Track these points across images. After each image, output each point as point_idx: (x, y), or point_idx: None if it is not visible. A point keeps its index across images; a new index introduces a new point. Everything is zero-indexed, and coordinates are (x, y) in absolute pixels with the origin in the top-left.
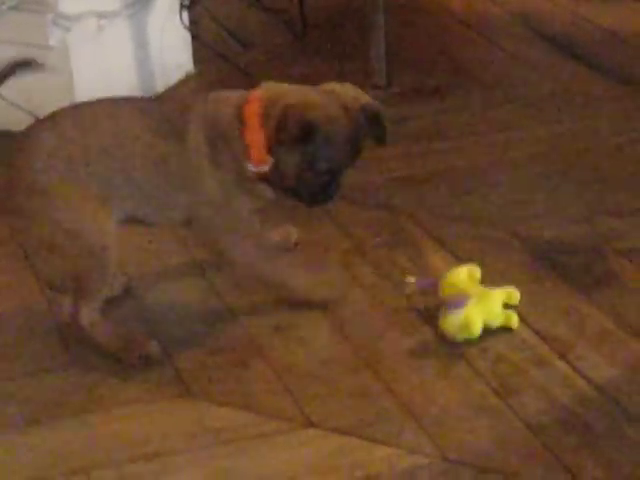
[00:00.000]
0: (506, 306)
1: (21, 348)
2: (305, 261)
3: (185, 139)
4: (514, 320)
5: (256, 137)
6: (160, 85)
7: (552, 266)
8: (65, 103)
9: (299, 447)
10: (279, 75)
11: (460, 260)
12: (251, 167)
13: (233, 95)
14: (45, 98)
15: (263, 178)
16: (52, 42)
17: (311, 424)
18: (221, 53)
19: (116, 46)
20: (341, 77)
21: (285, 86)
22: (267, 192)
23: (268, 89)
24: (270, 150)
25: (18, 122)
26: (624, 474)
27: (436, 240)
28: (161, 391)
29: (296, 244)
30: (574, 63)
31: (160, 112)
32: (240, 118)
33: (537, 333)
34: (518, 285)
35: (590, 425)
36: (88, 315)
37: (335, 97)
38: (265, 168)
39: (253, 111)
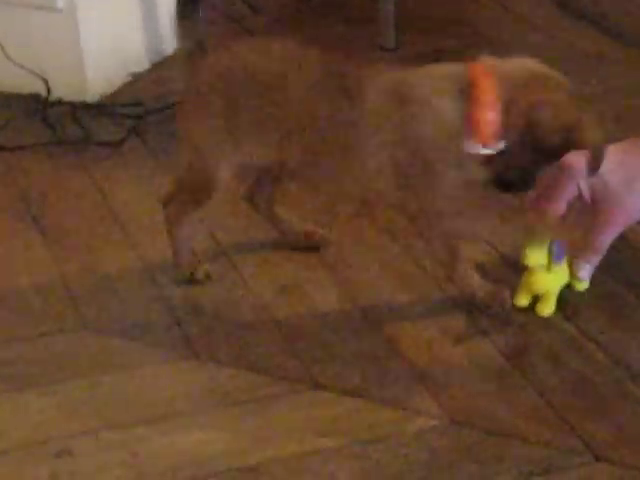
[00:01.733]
0: None
1: (28, 310)
2: None
3: (365, 101)
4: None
5: (492, 114)
6: (168, 48)
7: None
8: (72, 65)
9: (307, 409)
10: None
11: None
12: (476, 147)
13: (443, 68)
14: (53, 61)
15: (484, 160)
16: (60, 4)
17: (318, 386)
18: (230, 16)
19: (124, 8)
20: (349, 40)
21: (509, 64)
22: (479, 173)
23: (491, 63)
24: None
25: (26, 85)
26: (632, 436)
27: None
28: (168, 354)
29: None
30: (585, 25)
31: (345, 70)
32: (460, 88)
33: None
34: None
35: (598, 387)
36: (188, 224)
37: (551, 81)
38: (491, 151)
39: (487, 85)
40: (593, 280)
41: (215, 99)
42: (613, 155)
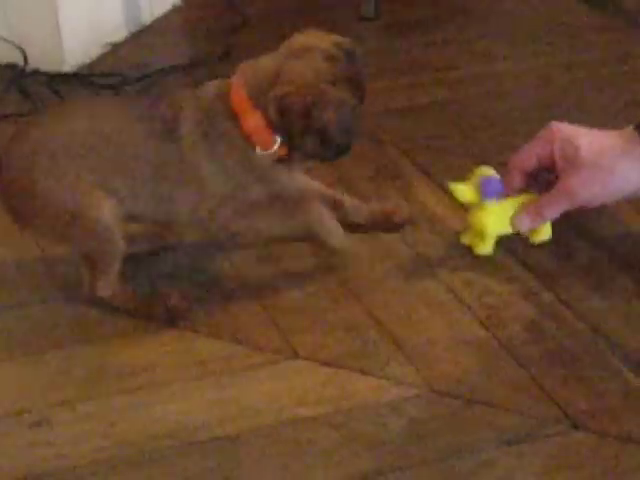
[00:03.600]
0: None
1: (7, 280)
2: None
3: (179, 138)
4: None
5: (253, 122)
6: (146, 17)
7: None
8: (49, 35)
9: (286, 379)
10: (268, 9)
11: (447, 192)
12: (261, 152)
13: (214, 85)
14: (30, 30)
15: (281, 158)
16: None
17: (297, 356)
18: None
19: None
20: (330, 9)
21: (261, 62)
22: (283, 175)
23: (244, 70)
24: (274, 130)
25: (3, 54)
26: (610, 405)
27: (423, 172)
28: (147, 324)
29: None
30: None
31: (152, 112)
32: (229, 107)
33: (524, 265)
34: None
35: (577, 357)
36: (104, 287)
37: (316, 54)
38: (275, 148)
39: (241, 97)
40: (573, 249)
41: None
42: (595, 130)
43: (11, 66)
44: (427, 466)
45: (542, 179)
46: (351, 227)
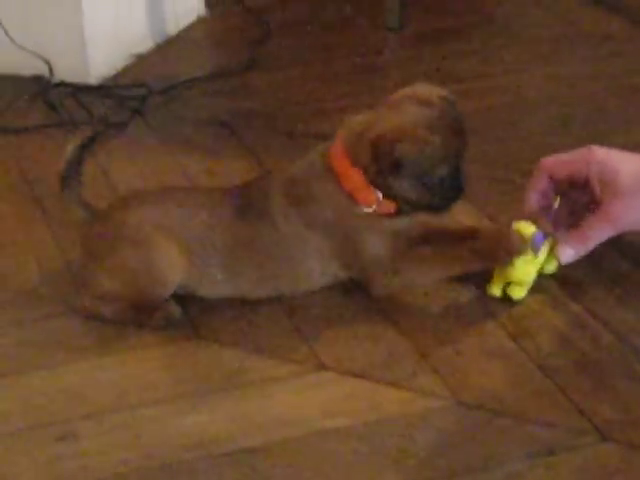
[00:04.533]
0: None
1: (32, 292)
2: None
3: (272, 219)
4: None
5: (353, 179)
6: (171, 29)
7: None
8: (74, 47)
9: (312, 390)
10: (291, 19)
11: (473, 202)
12: (366, 209)
13: (311, 152)
14: (55, 42)
15: (389, 212)
16: None
17: (323, 367)
18: None
19: None
20: (354, 20)
21: (361, 118)
22: (397, 223)
23: (345, 126)
24: (375, 184)
25: (29, 66)
26: (636, 413)
27: None
28: (170, 335)
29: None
30: (590, 3)
31: (243, 197)
32: (329, 168)
33: (551, 275)
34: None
35: (604, 367)
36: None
37: (413, 100)
38: (376, 204)
39: (339, 155)
40: (601, 259)
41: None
42: (634, 155)
43: (37, 78)
44: (454, 479)
45: (572, 197)
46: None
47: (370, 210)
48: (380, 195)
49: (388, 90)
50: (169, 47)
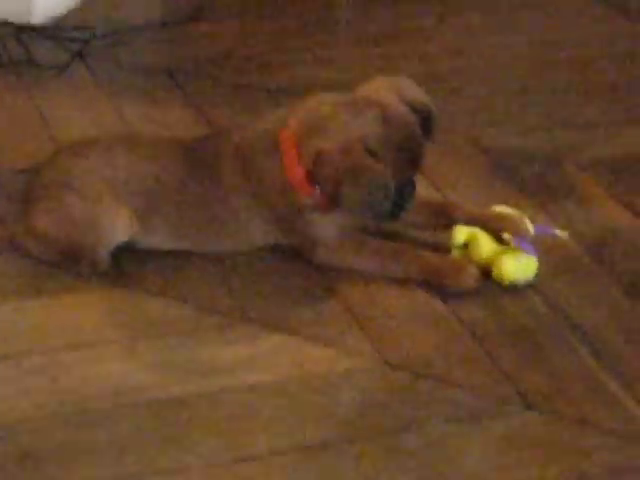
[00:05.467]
0: None
1: None
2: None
3: (220, 180)
4: None
5: (295, 171)
6: None
7: (508, 175)
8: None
9: (235, 343)
10: None
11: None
12: (304, 199)
13: (267, 123)
14: None
15: (326, 208)
16: None
17: (249, 320)
18: None
19: None
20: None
21: (321, 113)
22: (338, 218)
23: (303, 109)
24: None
25: None
26: (567, 385)
27: None
28: (98, 281)
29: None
30: None
31: (195, 152)
32: (278, 148)
33: None
34: (472, 192)
35: (536, 336)
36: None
37: (374, 112)
38: (314, 199)
39: (289, 143)
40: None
41: None
42: None
43: None
44: (373, 441)
45: None
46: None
47: (307, 201)
48: (318, 192)
49: (337, 48)
50: None
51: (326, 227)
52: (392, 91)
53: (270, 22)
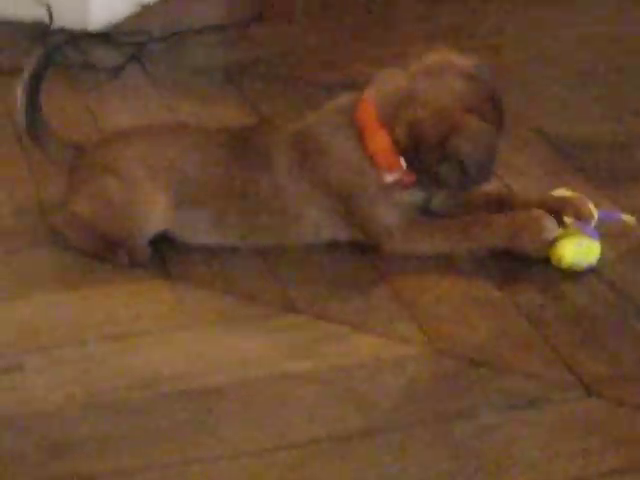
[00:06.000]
0: None
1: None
2: None
3: (272, 169)
4: None
5: (380, 141)
6: None
7: (574, 163)
8: None
9: (279, 332)
10: None
11: None
12: (386, 175)
13: (328, 105)
14: None
15: (408, 182)
16: None
17: (294, 309)
18: None
19: None
20: None
21: (395, 80)
22: (411, 196)
23: (376, 86)
24: (404, 155)
25: (29, 11)
26: (630, 370)
27: None
28: (137, 273)
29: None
30: None
31: (243, 140)
32: (352, 124)
33: None
34: (538, 181)
35: (596, 320)
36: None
37: (454, 74)
38: (398, 172)
39: (369, 114)
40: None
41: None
42: None
43: (37, 23)
44: (421, 428)
45: None
46: None
47: (389, 178)
48: (404, 164)
49: (399, 45)
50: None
51: (394, 213)
52: (454, 56)
53: (330, 22)
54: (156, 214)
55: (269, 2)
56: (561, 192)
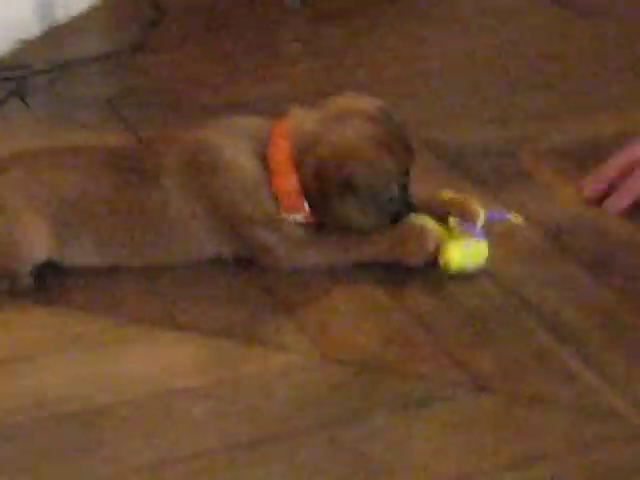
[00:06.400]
0: None
1: None
2: None
3: (159, 183)
4: None
5: (287, 182)
6: (60, 15)
7: (462, 170)
8: None
9: (164, 349)
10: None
11: None
12: (286, 215)
13: (240, 123)
14: None
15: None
16: None
17: (178, 327)
18: None
19: None
20: (251, 3)
21: (309, 120)
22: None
23: (293, 123)
24: (310, 198)
25: None
26: (522, 365)
27: None
28: (19, 300)
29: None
30: None
31: (128, 158)
32: (260, 156)
33: None
34: (428, 189)
35: (489, 320)
36: None
37: (356, 114)
38: (300, 217)
39: (282, 155)
40: None
41: None
42: None
43: None
44: (310, 435)
45: None
46: None
47: (291, 219)
48: (307, 207)
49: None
50: (57, 32)
51: (280, 234)
52: (358, 99)
53: (214, 48)
54: (35, 245)
55: (154, 33)
56: (446, 194)
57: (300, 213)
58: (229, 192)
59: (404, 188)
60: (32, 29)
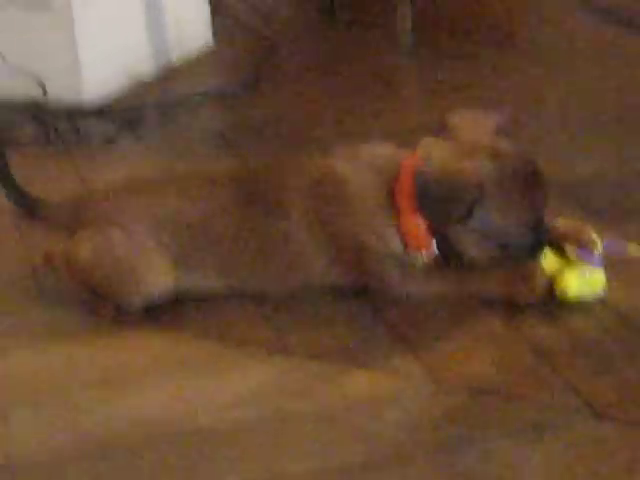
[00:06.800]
0: None
1: None
2: None
3: (285, 215)
4: None
5: (414, 224)
6: (175, 56)
7: (579, 202)
8: (67, 67)
9: (274, 373)
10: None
11: None
12: (415, 256)
13: (370, 153)
14: (47, 63)
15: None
16: (55, 2)
17: (288, 351)
18: (243, 25)
19: (125, 9)
20: (367, 43)
21: (438, 156)
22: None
23: (421, 163)
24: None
25: (23, 87)
26: (638, 394)
27: None
28: (125, 321)
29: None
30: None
31: (249, 185)
32: (388, 192)
33: None
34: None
35: (606, 350)
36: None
37: (485, 150)
38: (427, 256)
39: (406, 193)
40: None
41: None
42: None
43: (31, 98)
44: (422, 460)
45: None
46: None
47: (419, 258)
48: (435, 246)
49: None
50: (170, 71)
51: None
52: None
53: (324, 85)
54: (157, 280)
55: (266, 71)
56: (563, 222)
57: (427, 252)
58: (354, 226)
59: (538, 223)
60: (147, 69)
